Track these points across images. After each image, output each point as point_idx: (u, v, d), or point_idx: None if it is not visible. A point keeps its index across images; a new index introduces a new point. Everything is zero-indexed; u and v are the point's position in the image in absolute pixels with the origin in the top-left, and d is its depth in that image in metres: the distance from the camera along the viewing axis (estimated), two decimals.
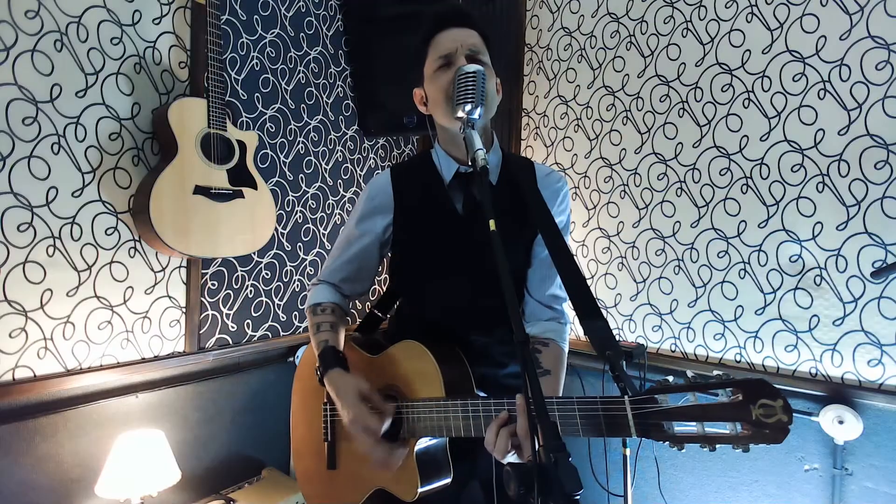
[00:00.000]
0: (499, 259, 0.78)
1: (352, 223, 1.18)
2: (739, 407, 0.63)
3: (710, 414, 0.64)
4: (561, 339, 1.10)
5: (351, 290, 1.22)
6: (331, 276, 1.21)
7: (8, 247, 1.39)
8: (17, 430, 1.42)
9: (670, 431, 0.67)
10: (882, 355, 1.51)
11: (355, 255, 1.17)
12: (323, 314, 1.15)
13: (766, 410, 0.61)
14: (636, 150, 2.01)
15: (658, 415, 0.68)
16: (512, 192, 1.08)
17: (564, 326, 1.13)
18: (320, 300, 1.18)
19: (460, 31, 1.04)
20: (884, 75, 1.52)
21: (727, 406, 0.63)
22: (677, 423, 0.67)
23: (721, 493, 1.79)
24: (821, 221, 1.62)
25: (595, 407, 0.75)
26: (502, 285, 0.76)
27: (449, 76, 1.00)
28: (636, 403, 0.70)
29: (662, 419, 0.68)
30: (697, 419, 0.65)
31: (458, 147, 1.07)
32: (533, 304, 1.14)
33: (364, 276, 1.20)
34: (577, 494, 0.60)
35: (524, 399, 0.80)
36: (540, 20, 2.29)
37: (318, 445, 1.20)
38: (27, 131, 1.41)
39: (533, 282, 1.13)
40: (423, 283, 1.14)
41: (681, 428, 0.67)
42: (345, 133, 2.35)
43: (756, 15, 1.75)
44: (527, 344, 0.71)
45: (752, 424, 0.61)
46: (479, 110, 0.92)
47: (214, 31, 1.65)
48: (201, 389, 1.84)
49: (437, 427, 0.96)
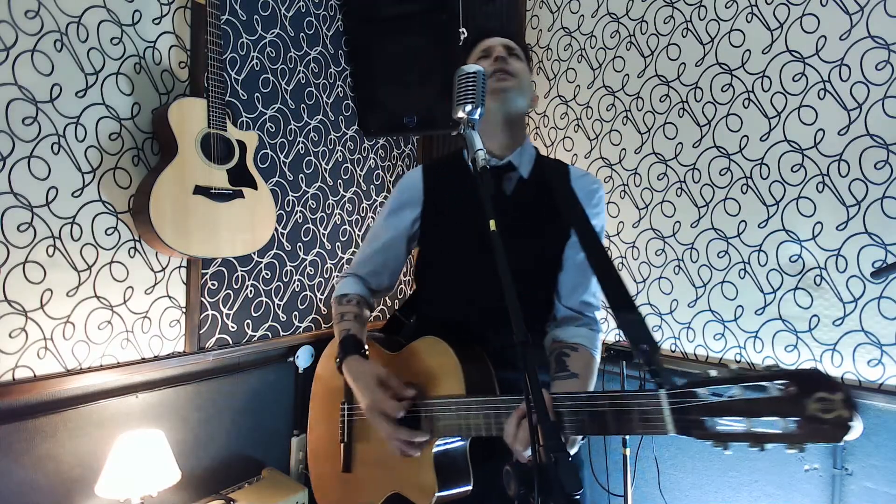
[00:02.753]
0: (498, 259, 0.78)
1: (381, 217, 1.19)
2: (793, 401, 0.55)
3: (758, 409, 0.57)
4: (592, 346, 1.06)
5: (377, 284, 1.22)
6: (358, 269, 1.22)
7: (8, 247, 1.39)
8: (17, 430, 1.42)
9: (713, 429, 0.61)
10: (882, 355, 1.51)
11: (382, 248, 1.18)
12: (348, 304, 1.15)
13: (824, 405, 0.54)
14: (636, 150, 2.01)
15: (698, 410, 0.62)
16: (543, 188, 1.08)
17: (596, 334, 1.08)
18: (347, 291, 1.18)
19: (498, 39, 1.12)
20: (884, 75, 1.52)
21: (779, 400, 0.56)
22: (721, 420, 0.60)
23: (721, 493, 1.79)
24: (821, 221, 1.62)
25: (627, 401, 0.71)
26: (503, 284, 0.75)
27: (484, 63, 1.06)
28: (674, 397, 0.65)
29: (703, 415, 0.61)
30: (744, 415, 0.58)
31: (493, 139, 1.09)
32: (563, 310, 1.11)
33: (390, 269, 1.21)
34: (578, 494, 0.60)
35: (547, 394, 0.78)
36: (540, 20, 2.29)
37: (334, 447, 1.19)
38: (27, 131, 1.41)
39: (565, 287, 1.10)
40: (449, 279, 1.13)
41: (725, 425, 0.60)
42: (345, 133, 2.35)
43: (756, 15, 1.75)
44: (527, 344, 0.71)
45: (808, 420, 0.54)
46: (479, 110, 0.91)
47: (214, 31, 1.65)
48: (201, 389, 1.84)
49: (456, 426, 0.93)
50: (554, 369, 1.02)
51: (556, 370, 1.02)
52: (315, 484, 1.25)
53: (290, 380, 2.13)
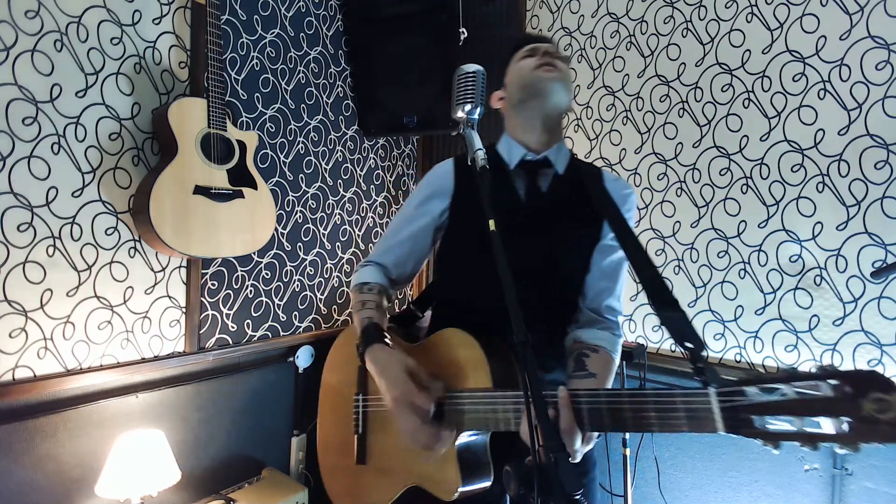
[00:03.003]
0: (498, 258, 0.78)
1: (409, 206, 1.17)
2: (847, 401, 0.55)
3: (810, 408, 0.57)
4: (613, 349, 1.06)
5: (399, 274, 1.19)
6: (381, 258, 1.19)
7: (8, 247, 1.39)
8: (17, 430, 1.42)
9: (763, 428, 0.60)
10: (882, 355, 1.51)
11: (410, 237, 1.16)
12: (369, 293, 1.12)
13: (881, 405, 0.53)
14: (636, 150, 2.01)
15: (749, 409, 0.61)
16: (577, 187, 1.08)
17: (618, 339, 1.09)
18: (367, 280, 1.15)
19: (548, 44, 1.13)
20: (884, 75, 1.52)
21: (832, 400, 0.55)
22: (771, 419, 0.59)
23: (721, 493, 1.79)
24: (821, 221, 1.62)
25: (673, 399, 0.69)
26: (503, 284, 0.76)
27: (531, 62, 1.07)
28: (723, 395, 0.64)
29: (753, 413, 0.61)
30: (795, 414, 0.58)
31: (529, 129, 1.09)
32: (587, 313, 1.10)
33: (415, 259, 1.18)
34: (578, 494, 0.60)
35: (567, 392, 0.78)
36: (540, 20, 2.29)
37: (347, 438, 1.17)
38: (27, 131, 1.41)
39: (591, 290, 1.10)
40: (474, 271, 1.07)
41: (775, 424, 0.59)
42: (345, 133, 2.35)
43: (756, 15, 1.75)
44: (527, 345, 0.71)
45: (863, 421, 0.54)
46: (479, 110, 0.92)
47: (214, 31, 1.65)
48: (201, 389, 1.84)
49: (482, 419, 0.91)
50: (572, 368, 1.02)
51: (574, 369, 1.01)
52: (326, 476, 1.24)
53: (290, 380, 2.13)
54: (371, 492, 1.11)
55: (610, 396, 0.77)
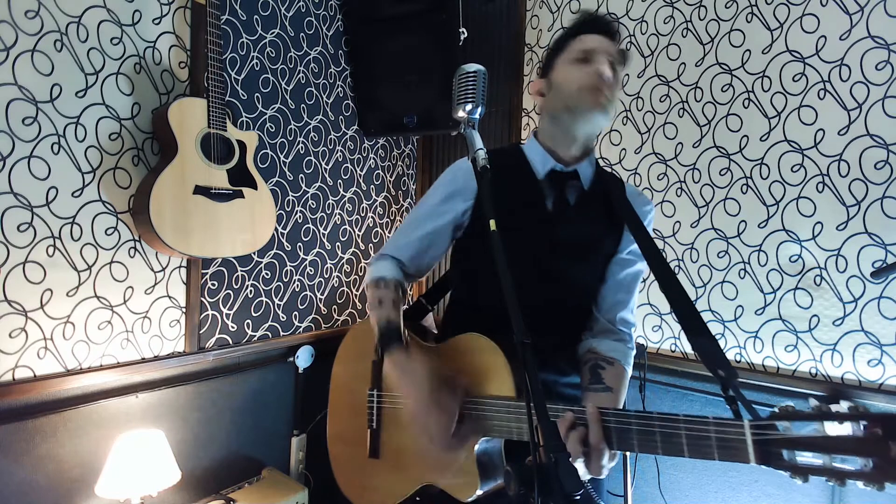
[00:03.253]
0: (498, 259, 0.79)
1: (431, 202, 1.15)
2: (876, 442, 0.57)
3: (839, 447, 0.60)
4: (626, 362, 1.09)
5: (415, 269, 1.18)
6: (398, 252, 1.17)
7: (8, 247, 1.39)
8: (17, 430, 1.42)
9: (792, 461, 0.63)
10: (882, 355, 1.51)
11: (429, 233, 1.14)
12: (386, 289, 1.10)
13: None
14: (636, 150, 2.01)
15: (781, 443, 0.63)
16: (603, 201, 1.09)
17: (630, 351, 1.11)
18: (384, 275, 1.14)
19: (606, 39, 1.04)
20: (884, 75, 1.52)
21: (861, 440, 0.58)
22: (801, 453, 0.62)
23: (721, 493, 1.79)
24: (821, 221, 1.62)
25: (706, 427, 0.71)
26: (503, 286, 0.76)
27: (582, 72, 1.01)
28: (757, 429, 0.66)
29: (784, 447, 0.63)
30: (825, 451, 0.61)
31: (562, 143, 1.08)
32: (602, 322, 1.12)
33: (431, 255, 1.17)
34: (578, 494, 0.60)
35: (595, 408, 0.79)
36: (540, 20, 2.29)
37: (360, 432, 1.18)
38: (27, 131, 1.41)
39: (606, 301, 1.12)
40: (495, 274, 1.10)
41: (805, 459, 0.62)
42: (345, 133, 2.35)
43: (756, 15, 1.75)
44: (527, 345, 0.71)
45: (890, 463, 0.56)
46: (479, 110, 0.91)
47: (214, 31, 1.65)
48: (201, 389, 1.84)
49: (506, 428, 0.91)
50: (588, 379, 1.04)
51: (590, 380, 1.04)
52: (335, 465, 1.24)
53: (290, 380, 2.13)
54: (384, 486, 1.12)
55: (640, 419, 0.78)
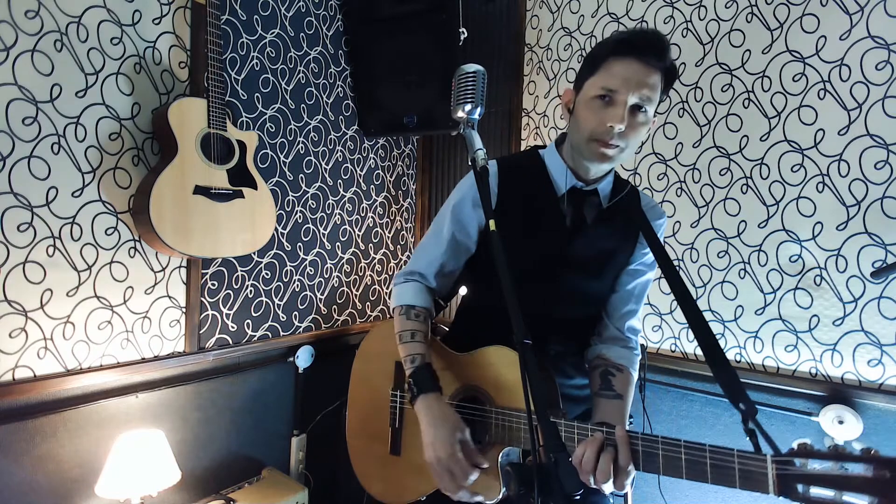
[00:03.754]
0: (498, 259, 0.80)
1: (451, 213, 1.15)
2: (885, 484, 0.63)
3: (850, 485, 0.65)
4: (633, 368, 1.14)
5: (442, 285, 1.21)
6: (423, 267, 1.19)
7: (8, 247, 1.39)
8: (17, 430, 1.42)
9: (806, 494, 0.69)
10: (882, 355, 1.51)
11: (456, 244, 1.16)
12: (416, 320, 1.13)
13: None
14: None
15: (799, 478, 0.69)
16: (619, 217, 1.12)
17: (637, 358, 1.17)
18: (415, 303, 1.16)
19: (642, 68, 0.95)
20: (884, 75, 1.52)
21: (871, 481, 0.64)
22: (814, 488, 0.68)
23: (721, 492, 1.79)
24: (821, 221, 1.62)
25: (730, 459, 0.78)
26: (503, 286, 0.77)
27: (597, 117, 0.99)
28: (779, 464, 0.72)
29: (801, 482, 0.69)
30: (837, 487, 0.66)
31: (581, 167, 1.09)
32: (611, 330, 1.17)
33: (458, 266, 1.20)
34: (578, 494, 0.61)
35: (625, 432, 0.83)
36: (540, 20, 2.29)
37: (381, 428, 1.21)
38: (27, 131, 1.41)
39: (615, 310, 1.17)
40: None
41: (818, 492, 0.68)
42: (345, 133, 2.35)
43: (756, 15, 1.75)
44: (527, 346, 0.71)
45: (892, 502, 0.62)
46: (479, 110, 0.93)
47: (214, 31, 1.65)
48: (201, 389, 1.84)
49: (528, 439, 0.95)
50: (599, 385, 1.09)
51: (601, 386, 1.09)
52: (355, 457, 1.27)
53: (290, 380, 2.13)
54: (404, 483, 1.15)
55: (667, 445, 0.83)
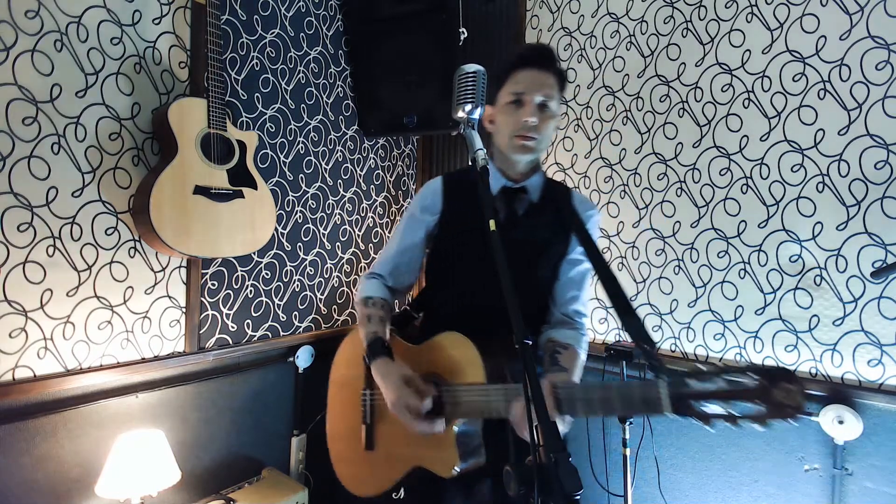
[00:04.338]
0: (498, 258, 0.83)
1: (405, 220, 1.33)
2: (763, 390, 0.72)
3: (735, 395, 0.74)
4: (579, 346, 1.23)
5: (398, 282, 1.35)
6: (381, 268, 1.34)
7: (8, 247, 1.39)
8: (17, 430, 1.42)
9: (699, 409, 0.77)
10: (882, 355, 1.51)
11: (406, 248, 1.31)
12: (373, 307, 1.27)
13: (786, 393, 0.71)
14: (636, 150, 2.01)
15: (690, 395, 0.78)
16: (550, 210, 1.24)
17: (583, 337, 1.26)
18: (372, 294, 1.31)
19: (539, 73, 1.15)
20: (884, 75, 1.52)
21: (752, 389, 0.73)
22: (706, 403, 0.77)
23: (721, 493, 1.79)
24: (821, 221, 1.62)
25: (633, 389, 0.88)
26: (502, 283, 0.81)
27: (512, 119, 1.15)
28: (671, 386, 0.81)
29: (693, 399, 0.78)
30: (724, 399, 0.75)
31: (510, 166, 1.22)
32: (558, 316, 1.28)
33: (412, 267, 1.34)
34: (578, 494, 0.61)
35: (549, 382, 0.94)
36: (540, 20, 2.29)
37: (355, 428, 1.31)
38: (27, 131, 1.41)
39: (560, 297, 1.27)
40: (459, 278, 1.27)
41: (708, 407, 0.77)
42: (345, 133, 2.35)
43: (756, 15, 1.75)
44: (527, 346, 0.72)
45: (773, 405, 0.72)
46: (479, 110, 0.95)
47: (214, 31, 1.65)
48: (201, 389, 1.84)
49: (477, 408, 1.07)
50: (548, 363, 1.18)
51: (549, 364, 1.17)
52: (336, 462, 1.36)
53: (290, 380, 2.13)
54: (379, 474, 1.24)
55: (583, 389, 0.95)
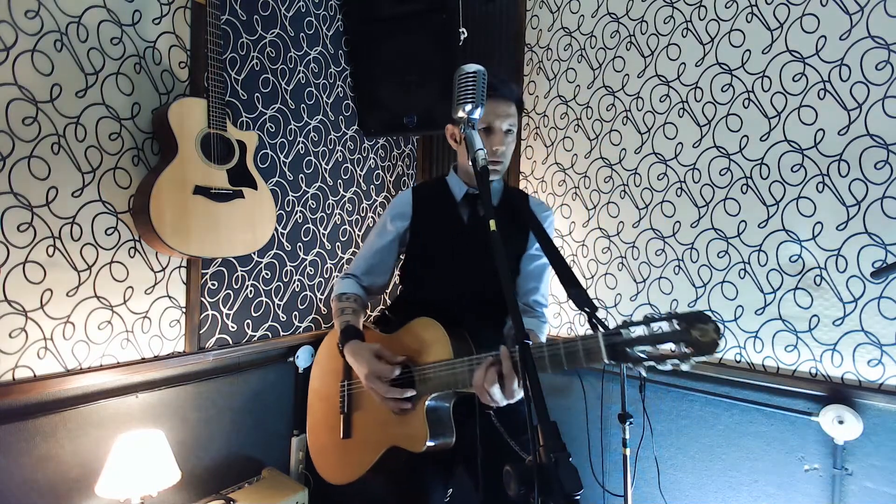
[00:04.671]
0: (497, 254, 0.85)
1: (378, 226, 1.45)
2: (683, 332, 0.84)
3: (661, 338, 0.86)
4: (540, 331, 1.36)
5: (370, 282, 1.46)
6: (355, 269, 1.46)
7: (8, 247, 1.39)
8: (17, 430, 1.42)
9: (633, 354, 0.89)
10: (882, 355, 1.51)
11: (378, 250, 1.43)
12: (347, 301, 1.38)
13: (702, 332, 0.83)
14: (636, 150, 2.01)
15: (623, 343, 0.90)
16: (509, 212, 1.36)
17: (543, 325, 1.39)
18: (346, 290, 1.42)
19: (501, 103, 1.27)
20: (884, 75, 1.52)
21: (674, 333, 0.85)
22: (637, 348, 0.88)
23: (721, 493, 1.79)
24: (821, 221, 1.62)
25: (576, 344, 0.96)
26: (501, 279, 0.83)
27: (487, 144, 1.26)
28: (607, 336, 0.92)
29: (626, 346, 0.89)
30: (652, 343, 0.87)
31: (472, 178, 1.31)
32: (520, 306, 1.37)
33: (384, 268, 1.45)
34: (578, 494, 0.61)
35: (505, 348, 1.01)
36: (540, 20, 2.29)
37: (334, 419, 1.37)
38: (27, 131, 1.41)
39: (521, 288, 1.39)
40: (431, 274, 1.37)
41: (640, 351, 0.88)
42: (345, 133, 2.35)
43: (756, 15, 1.75)
44: (527, 346, 0.72)
45: (692, 343, 0.83)
46: (479, 110, 0.96)
47: (214, 31, 1.65)
48: (201, 389, 1.84)
49: (445, 382, 1.14)
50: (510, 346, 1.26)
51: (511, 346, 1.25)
52: (315, 455, 1.42)
53: (290, 380, 2.13)
54: (355, 459, 1.30)
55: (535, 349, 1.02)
